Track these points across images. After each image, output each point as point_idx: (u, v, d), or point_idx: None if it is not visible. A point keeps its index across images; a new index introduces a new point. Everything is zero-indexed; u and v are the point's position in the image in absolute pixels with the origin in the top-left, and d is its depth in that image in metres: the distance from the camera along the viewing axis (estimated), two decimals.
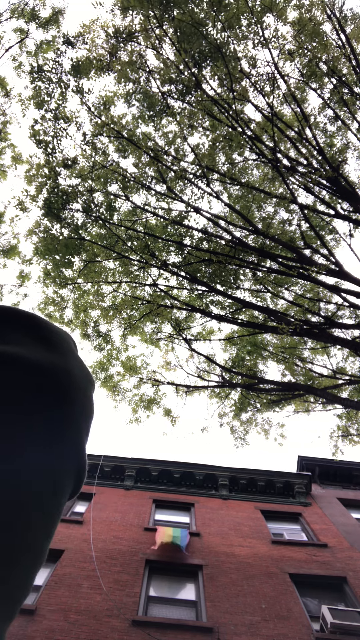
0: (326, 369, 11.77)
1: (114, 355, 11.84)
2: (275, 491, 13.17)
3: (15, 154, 11.54)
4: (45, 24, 11.23)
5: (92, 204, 9.78)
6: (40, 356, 0.37)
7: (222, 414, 12.17)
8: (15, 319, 0.40)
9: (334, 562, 9.68)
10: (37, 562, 0.31)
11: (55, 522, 0.34)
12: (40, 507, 0.31)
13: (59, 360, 0.38)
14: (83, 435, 0.39)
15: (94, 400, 0.43)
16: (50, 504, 0.33)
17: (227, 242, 9.72)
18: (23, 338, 0.38)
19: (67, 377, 0.38)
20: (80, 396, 0.39)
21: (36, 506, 0.31)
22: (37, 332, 0.40)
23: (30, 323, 0.41)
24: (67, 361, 0.39)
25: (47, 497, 0.32)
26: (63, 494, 0.35)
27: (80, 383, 0.39)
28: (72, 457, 0.36)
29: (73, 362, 0.40)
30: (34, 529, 0.30)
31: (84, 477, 0.39)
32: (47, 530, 0.32)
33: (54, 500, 0.33)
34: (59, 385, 0.36)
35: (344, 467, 14.29)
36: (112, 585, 8.38)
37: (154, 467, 13.37)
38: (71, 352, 0.42)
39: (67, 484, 0.36)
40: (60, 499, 0.34)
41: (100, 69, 9.36)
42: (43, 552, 0.32)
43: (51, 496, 0.33)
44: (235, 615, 7.74)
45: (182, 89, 9.33)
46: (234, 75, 8.64)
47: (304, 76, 9.25)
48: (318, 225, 10.86)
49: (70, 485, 0.36)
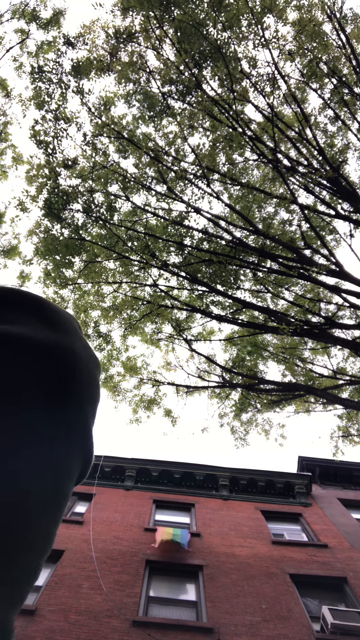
0: (326, 369, 11.76)
1: (114, 356, 11.84)
2: (275, 491, 13.16)
3: (15, 155, 11.55)
4: (46, 25, 11.25)
5: (93, 204, 9.79)
6: (45, 336, 0.36)
7: (223, 415, 12.17)
8: (20, 299, 0.40)
9: (334, 563, 9.67)
10: (44, 551, 0.31)
11: (61, 510, 0.33)
12: (46, 497, 0.31)
13: (63, 340, 0.38)
14: (89, 417, 0.38)
15: (100, 383, 0.42)
16: (57, 492, 0.32)
17: (227, 242, 9.73)
18: (27, 319, 0.38)
19: (73, 357, 0.37)
20: (87, 379, 0.38)
21: (43, 496, 0.30)
22: (41, 313, 0.40)
23: (35, 304, 0.40)
24: (72, 341, 0.39)
25: (53, 486, 0.32)
26: (70, 481, 0.34)
27: (86, 363, 0.39)
28: (79, 442, 0.36)
29: (78, 343, 0.40)
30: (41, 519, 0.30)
31: (92, 460, 0.38)
32: (53, 519, 0.32)
33: (61, 488, 0.33)
34: (65, 365, 0.35)
35: (344, 468, 14.29)
36: (113, 586, 8.38)
37: (154, 468, 13.37)
38: (76, 333, 0.41)
39: (73, 470, 0.35)
40: (67, 486, 0.34)
41: (100, 70, 9.37)
42: (50, 541, 0.32)
43: (58, 484, 0.32)
44: (236, 616, 7.74)
45: (182, 89, 9.34)
46: (234, 76, 8.65)
47: (304, 76, 9.25)
48: (318, 225, 10.86)
49: (77, 468, 0.36)
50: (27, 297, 0.41)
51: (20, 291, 0.41)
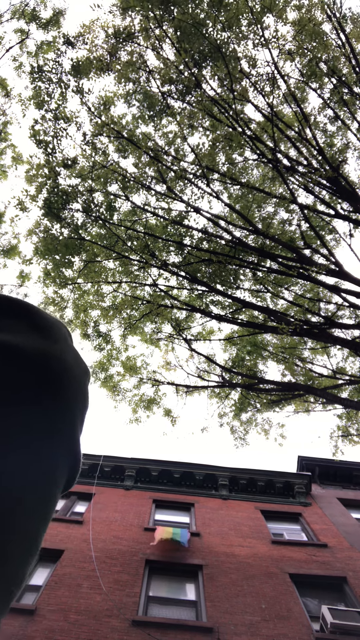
0: (326, 369, 11.77)
1: (114, 355, 11.84)
2: (275, 491, 13.16)
3: (15, 154, 11.54)
4: (46, 25, 11.25)
5: (92, 204, 9.79)
6: (33, 344, 0.36)
7: (222, 414, 12.17)
8: (8, 306, 0.40)
9: (334, 562, 9.67)
10: (30, 556, 0.31)
11: (49, 513, 0.33)
12: (31, 502, 0.31)
13: (52, 349, 0.37)
14: (77, 426, 0.38)
15: (89, 391, 0.42)
16: (43, 497, 0.32)
17: (227, 242, 9.72)
18: (16, 325, 0.37)
19: (61, 365, 0.37)
20: (74, 385, 0.38)
21: (30, 497, 0.30)
22: (30, 320, 0.39)
23: (24, 311, 0.40)
24: (60, 349, 0.38)
25: (39, 491, 0.31)
26: (56, 486, 0.34)
27: (75, 372, 0.39)
28: (66, 448, 0.35)
29: (67, 351, 0.39)
30: (26, 521, 0.30)
31: (79, 469, 0.38)
32: (39, 522, 0.32)
33: (47, 494, 0.32)
34: (52, 373, 0.35)
35: (344, 467, 14.29)
36: (112, 585, 8.38)
37: (154, 467, 13.37)
38: (65, 341, 0.41)
39: (60, 476, 0.35)
40: (53, 491, 0.34)
41: (100, 69, 9.37)
42: (36, 544, 0.31)
43: (43, 490, 0.32)
44: (235, 615, 7.74)
45: (182, 89, 9.34)
46: (234, 75, 8.65)
47: (304, 76, 9.25)
48: (318, 225, 10.86)
49: (63, 477, 0.36)
50: (17, 304, 0.40)
51: (10, 298, 0.41)
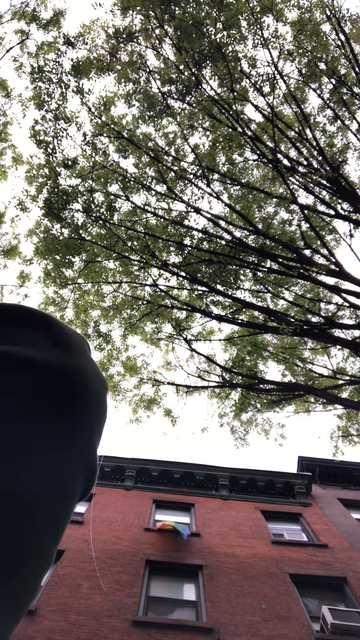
0: (326, 369, 11.76)
1: (114, 355, 11.84)
2: (275, 491, 13.16)
3: (15, 155, 11.54)
4: (46, 25, 11.25)
5: (93, 204, 9.79)
6: (54, 358, 0.37)
7: (223, 414, 12.17)
8: (30, 319, 0.40)
9: (334, 563, 9.67)
10: (43, 566, 0.30)
11: (63, 525, 0.33)
12: (47, 511, 0.31)
13: (72, 362, 0.38)
14: (95, 438, 0.38)
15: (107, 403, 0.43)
16: (58, 507, 0.32)
17: (227, 242, 9.73)
18: (37, 339, 0.38)
19: (81, 379, 0.37)
20: (93, 398, 0.38)
21: (44, 510, 0.30)
22: (51, 334, 0.40)
23: (45, 324, 0.41)
24: (80, 363, 0.39)
25: (55, 501, 0.32)
26: (72, 497, 0.35)
27: (94, 385, 0.39)
28: (83, 459, 0.36)
29: (86, 364, 0.40)
30: (41, 532, 0.30)
31: (95, 479, 0.39)
32: (54, 533, 0.32)
33: (62, 504, 0.33)
34: (73, 387, 0.36)
35: (344, 468, 14.28)
36: (112, 586, 8.38)
37: (154, 468, 13.37)
38: (84, 355, 0.42)
39: (77, 487, 0.35)
40: (69, 502, 0.34)
41: (100, 69, 9.38)
42: (50, 555, 0.32)
43: (59, 499, 0.32)
44: (236, 616, 7.73)
45: (182, 89, 9.34)
46: (234, 76, 8.65)
47: (304, 76, 9.25)
48: (318, 225, 10.86)
49: (80, 487, 0.36)
50: (38, 317, 0.41)
51: (32, 310, 0.41)
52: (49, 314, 0.43)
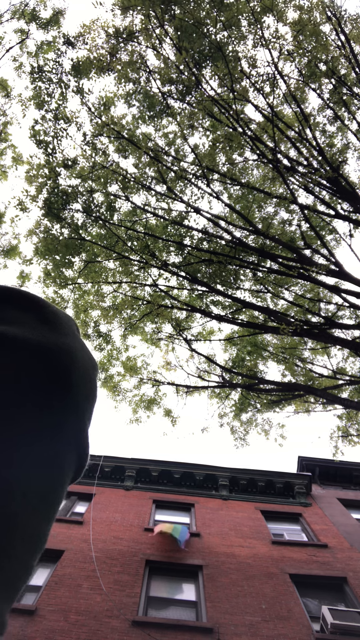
0: (326, 369, 11.77)
1: (114, 356, 11.84)
2: (275, 491, 13.16)
3: (15, 155, 11.54)
4: (46, 25, 11.24)
5: (92, 204, 9.79)
6: (43, 337, 0.36)
7: (223, 414, 12.17)
8: (20, 299, 0.40)
9: (334, 563, 9.67)
10: (36, 547, 0.31)
11: (55, 508, 0.33)
12: (38, 493, 0.31)
13: (61, 342, 0.38)
14: (86, 419, 0.38)
15: (97, 383, 0.42)
16: (49, 490, 0.32)
17: (227, 242, 9.73)
18: (26, 319, 0.38)
19: (70, 358, 0.37)
20: (84, 379, 0.38)
21: (34, 492, 0.30)
22: (40, 314, 0.40)
23: (35, 305, 0.41)
24: (70, 343, 0.39)
25: (45, 484, 0.32)
26: (64, 480, 0.34)
27: (84, 365, 0.39)
28: (74, 440, 0.36)
29: (76, 344, 0.40)
30: (32, 517, 0.30)
31: (87, 461, 0.39)
32: (45, 515, 0.32)
33: (53, 486, 0.33)
34: (62, 367, 0.36)
35: (344, 468, 14.29)
36: (112, 586, 8.38)
37: (154, 468, 13.37)
38: (74, 335, 0.42)
39: (67, 469, 0.35)
40: (60, 485, 0.34)
41: (100, 69, 9.37)
42: (42, 536, 0.32)
43: (50, 482, 0.32)
44: (236, 616, 7.73)
45: (182, 89, 9.33)
46: (234, 76, 8.65)
47: (304, 76, 9.25)
48: (318, 225, 10.86)
49: (71, 469, 0.36)
50: (27, 298, 0.41)
51: (21, 291, 0.41)
52: (35, 294, 0.43)
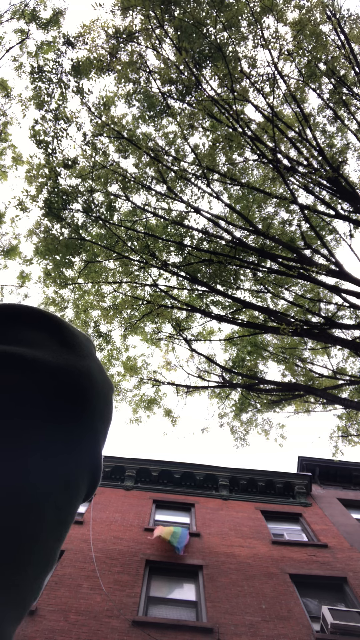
0: (326, 369, 11.77)
1: (114, 356, 11.84)
2: (275, 491, 13.16)
3: (15, 155, 11.54)
4: (46, 25, 11.24)
5: (92, 204, 9.79)
6: (62, 360, 0.37)
7: (223, 414, 12.17)
8: (36, 319, 0.40)
9: (334, 563, 9.67)
10: (48, 565, 0.31)
11: (67, 526, 0.33)
12: (52, 511, 0.31)
13: (79, 364, 0.38)
14: (100, 440, 0.39)
15: (113, 404, 0.43)
16: (63, 508, 0.32)
17: (227, 242, 9.73)
18: (44, 340, 0.38)
19: (88, 380, 0.38)
20: (100, 400, 0.39)
21: (49, 510, 0.31)
22: (59, 335, 0.40)
23: (52, 325, 0.41)
24: (87, 365, 0.39)
25: (60, 502, 0.32)
26: (77, 499, 0.35)
27: (101, 387, 0.39)
28: (88, 461, 0.36)
29: (93, 366, 0.40)
30: (45, 533, 0.30)
31: (99, 480, 0.39)
32: (58, 533, 0.32)
33: (67, 505, 0.33)
34: (79, 389, 0.36)
35: (344, 468, 14.28)
36: (112, 586, 8.38)
37: (154, 468, 13.37)
38: (91, 356, 0.42)
39: (81, 488, 0.35)
40: (73, 504, 0.34)
41: (100, 69, 9.37)
42: (54, 555, 0.32)
43: (64, 501, 0.32)
44: (236, 616, 7.73)
45: (182, 89, 9.33)
46: (234, 76, 8.65)
47: (304, 76, 9.25)
48: (318, 225, 10.86)
49: (84, 489, 0.36)
50: (46, 318, 0.41)
51: (40, 311, 0.42)
52: (55, 315, 0.43)
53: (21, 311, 0.41)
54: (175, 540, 9.38)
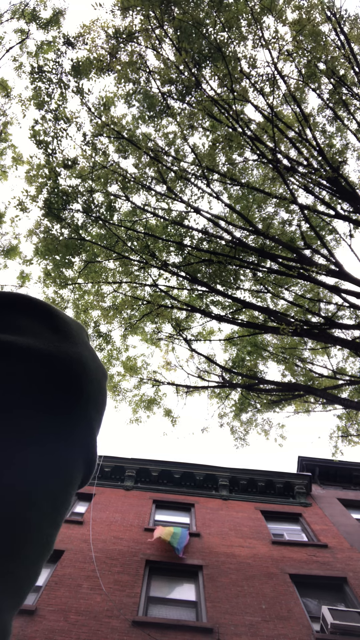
0: (326, 369, 11.77)
1: (114, 356, 11.84)
2: (275, 491, 13.16)
3: (15, 155, 11.54)
4: (46, 25, 11.24)
5: (92, 204, 9.79)
6: (54, 347, 0.37)
7: (223, 414, 12.17)
8: (31, 307, 0.40)
9: (334, 563, 9.67)
10: (44, 552, 0.31)
11: (63, 513, 0.34)
12: (47, 499, 0.31)
13: (72, 351, 0.38)
14: (95, 427, 0.39)
15: (107, 391, 0.43)
16: (58, 496, 0.33)
17: (227, 242, 9.73)
18: (36, 327, 0.38)
19: (81, 367, 0.37)
20: (94, 388, 0.38)
21: (44, 498, 0.31)
22: (51, 322, 0.40)
23: (45, 313, 0.41)
24: (80, 352, 0.39)
25: (55, 490, 0.32)
26: (72, 486, 0.35)
27: (94, 374, 0.39)
28: (83, 448, 0.36)
29: (86, 353, 0.40)
30: (40, 521, 0.30)
31: (94, 468, 0.39)
32: (54, 520, 0.32)
33: (62, 493, 0.33)
34: (73, 377, 0.36)
35: (344, 468, 14.29)
36: (112, 586, 8.38)
37: (154, 468, 13.37)
38: (84, 344, 0.42)
39: (76, 476, 0.36)
40: (68, 491, 0.34)
41: (100, 70, 9.37)
42: (50, 542, 0.32)
43: (59, 488, 0.33)
44: (236, 616, 7.73)
45: (182, 89, 9.33)
46: (234, 76, 8.65)
47: (304, 77, 9.25)
48: (318, 225, 10.86)
49: (79, 476, 0.36)
50: (39, 306, 0.41)
51: (32, 299, 0.42)
52: (47, 303, 0.43)
53: (10, 298, 0.41)
54: (175, 541, 9.38)
